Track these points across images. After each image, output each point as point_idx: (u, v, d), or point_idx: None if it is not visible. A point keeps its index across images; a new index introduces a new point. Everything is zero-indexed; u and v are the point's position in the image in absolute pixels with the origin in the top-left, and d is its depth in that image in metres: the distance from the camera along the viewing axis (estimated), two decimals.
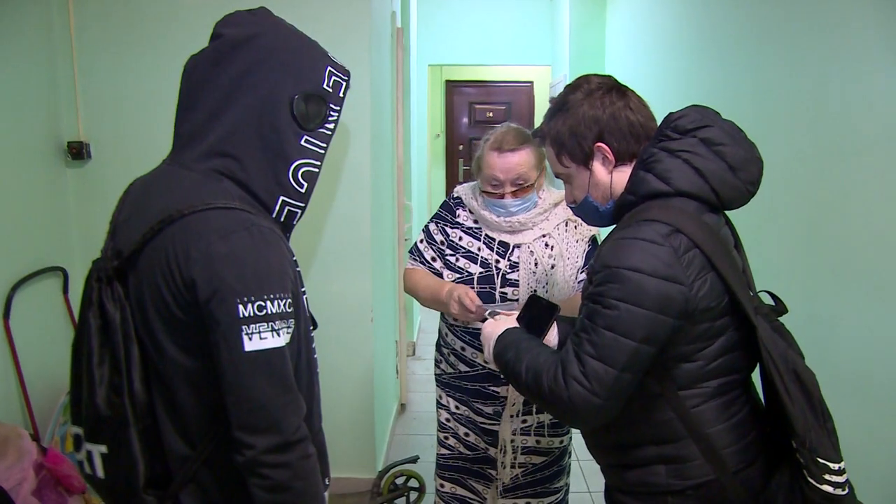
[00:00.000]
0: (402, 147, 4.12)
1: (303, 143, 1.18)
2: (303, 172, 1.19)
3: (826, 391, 1.89)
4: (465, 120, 8.20)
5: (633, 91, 1.39)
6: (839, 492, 1.17)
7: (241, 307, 1.05)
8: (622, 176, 1.34)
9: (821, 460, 1.17)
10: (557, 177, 1.46)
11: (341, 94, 1.23)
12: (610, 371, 1.20)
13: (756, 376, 1.36)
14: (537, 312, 1.54)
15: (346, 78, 1.24)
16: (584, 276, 1.96)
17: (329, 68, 1.21)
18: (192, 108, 1.17)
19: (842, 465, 1.19)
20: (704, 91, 3.01)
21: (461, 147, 8.17)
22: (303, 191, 1.20)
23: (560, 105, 1.39)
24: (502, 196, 1.95)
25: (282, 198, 1.18)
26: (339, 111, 1.23)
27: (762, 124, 2.34)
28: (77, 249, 2.78)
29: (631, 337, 1.19)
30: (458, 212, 2.09)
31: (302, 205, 1.21)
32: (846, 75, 1.91)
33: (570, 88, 1.39)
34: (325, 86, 1.20)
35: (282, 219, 1.20)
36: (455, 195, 2.14)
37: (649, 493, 1.34)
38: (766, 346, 1.21)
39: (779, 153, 2.22)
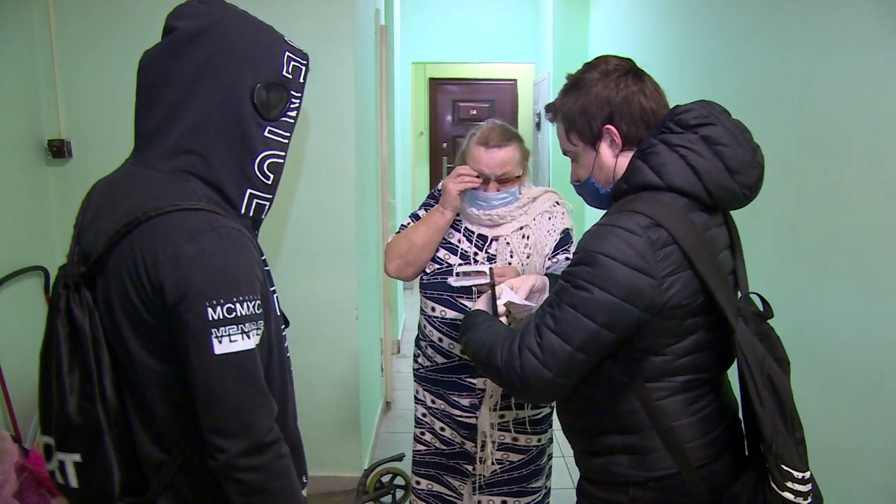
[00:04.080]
0: (387, 145, 4.11)
1: (266, 134, 1.16)
2: (268, 164, 1.17)
3: (811, 389, 1.91)
4: (449, 118, 8.20)
5: (650, 77, 1.36)
6: (800, 500, 1.17)
7: (210, 310, 1.04)
8: (627, 160, 1.33)
9: (785, 467, 1.17)
10: (565, 154, 1.45)
11: (301, 80, 1.21)
12: (565, 347, 1.22)
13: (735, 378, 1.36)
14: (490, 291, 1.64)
15: (305, 62, 1.22)
16: (549, 262, 1.98)
17: (287, 54, 1.19)
18: (151, 106, 1.15)
19: (806, 474, 1.18)
20: (688, 88, 3.03)
21: (445, 145, 8.17)
22: (269, 183, 1.18)
23: (574, 83, 1.38)
24: (486, 189, 1.98)
25: (249, 191, 1.17)
26: (300, 98, 1.21)
27: (746, 121, 2.35)
28: (58, 249, 2.75)
29: (592, 319, 1.20)
30: None
31: (269, 197, 1.20)
32: (829, 72, 1.92)
33: (588, 67, 1.38)
34: (284, 72, 1.18)
35: (250, 213, 1.18)
36: (439, 187, 2.15)
37: (612, 482, 1.35)
38: (742, 350, 1.21)
39: (763, 150, 2.23)
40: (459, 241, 2.04)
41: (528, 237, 2.01)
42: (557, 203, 2.08)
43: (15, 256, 2.53)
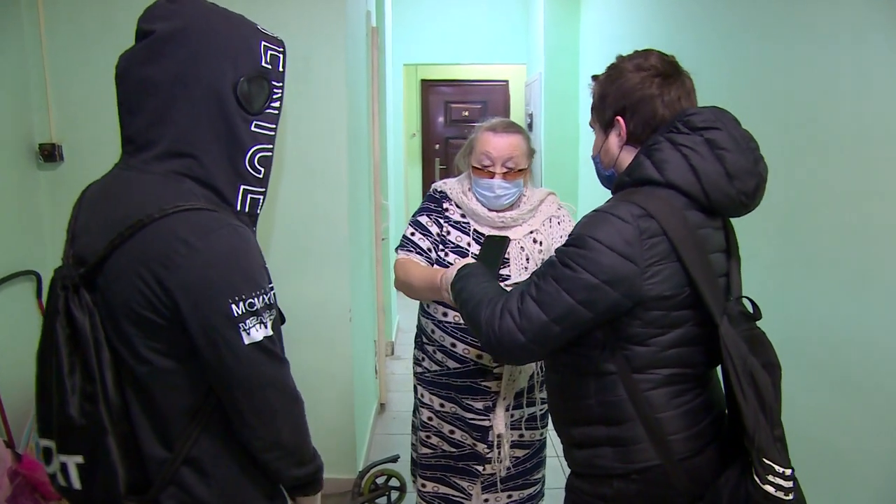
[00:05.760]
0: (379, 147, 4.11)
1: (253, 128, 1.17)
2: (258, 158, 1.18)
3: (809, 388, 1.91)
4: (441, 119, 8.21)
5: (681, 85, 1.37)
6: (781, 495, 1.19)
7: (233, 306, 1.07)
8: (629, 155, 1.38)
9: (766, 461, 1.19)
10: (590, 125, 1.52)
11: (281, 69, 1.21)
12: (542, 316, 1.28)
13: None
14: (491, 248, 1.79)
15: (281, 50, 1.21)
16: None
17: (264, 43, 1.18)
18: (135, 112, 1.14)
19: (788, 471, 1.20)
20: None
21: (437, 146, 8.18)
22: (261, 177, 1.19)
23: (613, 65, 1.43)
24: (492, 175, 1.97)
25: (243, 187, 1.17)
26: (282, 87, 1.21)
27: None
28: (50, 253, 2.74)
29: (571, 294, 1.26)
30: (444, 205, 2.09)
31: (262, 190, 1.21)
32: (821, 70, 1.93)
33: (631, 56, 1.41)
34: (263, 63, 1.17)
35: (246, 208, 1.19)
36: (438, 189, 2.13)
37: (596, 475, 1.39)
38: (726, 345, 1.24)
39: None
40: (469, 245, 2.02)
41: (540, 242, 2.02)
42: (560, 207, 2.11)
43: (6, 261, 2.52)
